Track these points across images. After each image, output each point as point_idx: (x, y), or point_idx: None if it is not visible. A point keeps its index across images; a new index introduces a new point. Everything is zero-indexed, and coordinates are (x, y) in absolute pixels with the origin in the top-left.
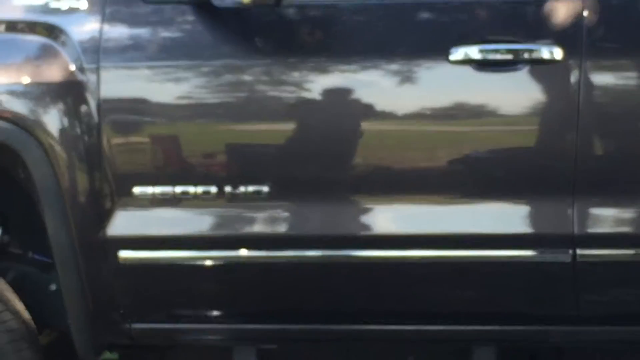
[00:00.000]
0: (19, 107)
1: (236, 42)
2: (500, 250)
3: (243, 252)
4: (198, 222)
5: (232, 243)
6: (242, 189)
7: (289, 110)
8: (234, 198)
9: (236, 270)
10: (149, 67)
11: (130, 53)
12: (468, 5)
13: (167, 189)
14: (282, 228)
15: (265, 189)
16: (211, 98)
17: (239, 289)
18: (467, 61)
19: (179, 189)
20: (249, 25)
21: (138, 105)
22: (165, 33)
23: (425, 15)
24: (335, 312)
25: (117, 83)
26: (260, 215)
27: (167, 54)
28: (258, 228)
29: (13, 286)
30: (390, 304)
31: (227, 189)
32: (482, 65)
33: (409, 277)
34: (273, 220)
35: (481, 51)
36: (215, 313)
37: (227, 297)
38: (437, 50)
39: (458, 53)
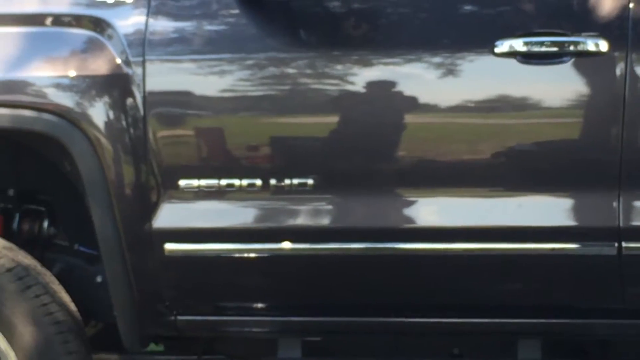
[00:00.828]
0: (66, 100)
1: (280, 34)
2: (545, 243)
3: (287, 244)
4: (243, 214)
5: (276, 235)
6: (287, 181)
7: (333, 103)
8: (279, 191)
9: (281, 263)
10: (194, 60)
11: (175, 46)
12: None
13: (213, 181)
14: (326, 221)
15: (310, 181)
16: (255, 91)
17: (283, 281)
18: (513, 53)
19: (224, 182)
20: (293, 17)
21: (183, 98)
22: (209, 26)
23: (470, 7)
24: (379, 305)
25: (162, 76)
26: (305, 207)
27: (212, 47)
28: (302, 220)
29: (59, 278)
30: (435, 297)
31: (272, 181)
32: (528, 57)
33: (454, 270)
34: (318, 213)
35: (526, 44)
36: (260, 305)
37: (272, 289)
38: (483, 42)
39: (503, 45)
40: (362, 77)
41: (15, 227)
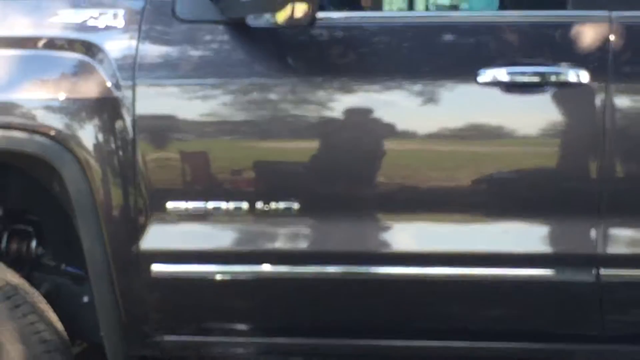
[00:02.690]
0: (56, 122)
1: (267, 61)
2: (523, 269)
3: (272, 267)
4: (229, 237)
5: (261, 258)
6: (273, 205)
7: (317, 129)
8: (265, 214)
9: (265, 285)
10: (183, 85)
11: (165, 71)
12: (496, 28)
13: (200, 204)
14: (310, 244)
15: (295, 205)
16: (241, 116)
17: (268, 303)
18: (495, 83)
19: (211, 205)
20: (280, 44)
21: (172, 122)
22: (199, 51)
23: (453, 36)
24: (361, 328)
25: (152, 100)
26: (290, 231)
27: (200, 72)
28: (287, 244)
29: (46, 297)
30: (416, 321)
31: (258, 205)
32: (510, 87)
33: (432, 295)
34: (302, 237)
35: (509, 73)
36: (245, 327)
37: (257, 311)
38: (466, 71)
39: (486, 74)
40: (343, 103)
41: (3, 247)
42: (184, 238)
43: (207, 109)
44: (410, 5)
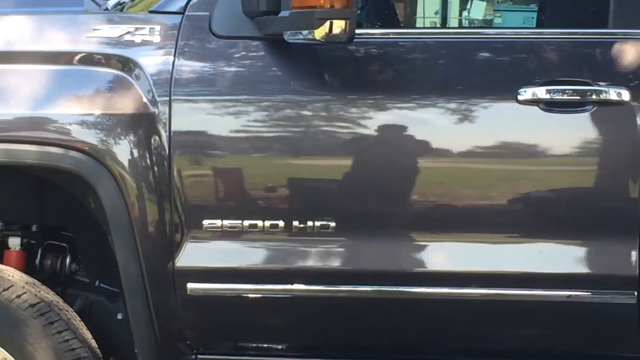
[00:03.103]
0: (92, 137)
1: (303, 77)
2: (559, 291)
3: (307, 286)
4: (265, 255)
5: (297, 277)
6: (309, 223)
7: (353, 146)
8: (301, 232)
9: (300, 304)
10: (219, 101)
11: (201, 86)
12: (536, 45)
13: (236, 222)
14: (345, 263)
15: (332, 223)
16: (276, 133)
17: (302, 322)
18: (536, 101)
19: (247, 222)
20: (317, 61)
21: (208, 138)
22: (235, 67)
23: (492, 54)
24: (395, 348)
25: (188, 116)
26: (326, 249)
27: (236, 88)
28: (322, 262)
29: (80, 314)
30: (447, 341)
31: (295, 223)
32: (550, 105)
33: (466, 315)
34: (337, 255)
35: (549, 92)
36: (279, 346)
37: (291, 330)
38: (506, 89)
39: (527, 93)
40: (377, 120)
41: (37, 263)
42: (220, 256)
43: (243, 125)
44: (444, 20)
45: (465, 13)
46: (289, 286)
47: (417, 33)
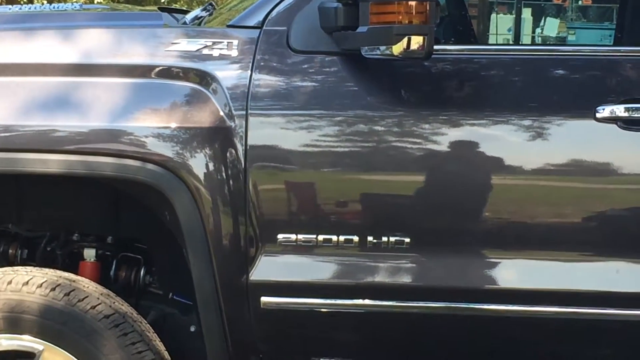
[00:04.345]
0: (169, 150)
1: (380, 92)
2: (637, 310)
3: (381, 301)
4: (338, 270)
5: (370, 292)
6: (384, 238)
7: (431, 163)
8: (375, 247)
9: (373, 320)
10: (296, 115)
11: (278, 101)
12: (614, 63)
13: (310, 236)
14: (420, 279)
15: (407, 239)
16: (352, 148)
17: (376, 338)
18: (613, 119)
19: (321, 237)
20: (394, 76)
21: (284, 153)
22: (312, 82)
23: (568, 71)
24: None
25: (264, 130)
26: (400, 265)
27: (313, 103)
28: (397, 278)
29: (153, 326)
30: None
31: (369, 238)
32: (629, 123)
33: (539, 333)
34: (412, 271)
35: (627, 109)
36: None
37: (364, 346)
38: (583, 107)
39: (605, 111)
40: (452, 136)
41: (112, 275)
42: (294, 270)
43: (318, 140)
44: (517, 37)
45: (538, 30)
46: (361, 301)
47: (494, 50)
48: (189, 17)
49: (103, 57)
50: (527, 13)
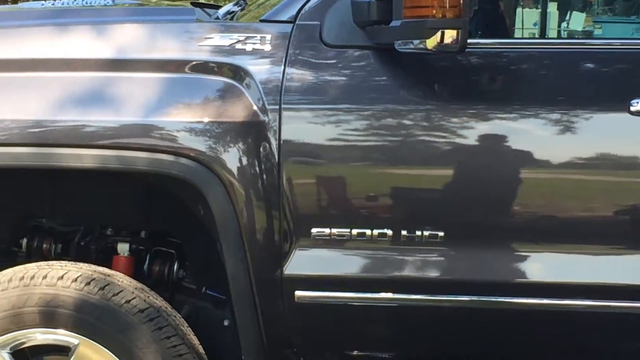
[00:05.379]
0: (202, 145)
1: (412, 86)
2: None
3: (414, 295)
4: (372, 264)
5: (404, 286)
6: (417, 232)
7: (467, 157)
8: (409, 241)
9: (407, 313)
10: (329, 109)
11: (311, 95)
12: None
13: (344, 230)
14: (452, 273)
15: (440, 233)
16: (386, 142)
17: (409, 332)
18: None
19: (355, 231)
20: (426, 70)
21: (317, 146)
22: (345, 76)
23: (601, 64)
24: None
25: (297, 124)
26: (433, 259)
27: (346, 97)
28: (431, 272)
29: (187, 320)
30: (554, 353)
31: (403, 232)
32: None
33: (571, 327)
34: (444, 265)
35: None
36: (386, 355)
37: (398, 339)
38: (617, 100)
39: (639, 104)
40: (484, 131)
41: (145, 269)
42: (328, 264)
43: (351, 134)
44: (542, 31)
45: (564, 24)
46: (395, 295)
47: (527, 43)
48: (221, 12)
49: (137, 52)
50: (552, 7)
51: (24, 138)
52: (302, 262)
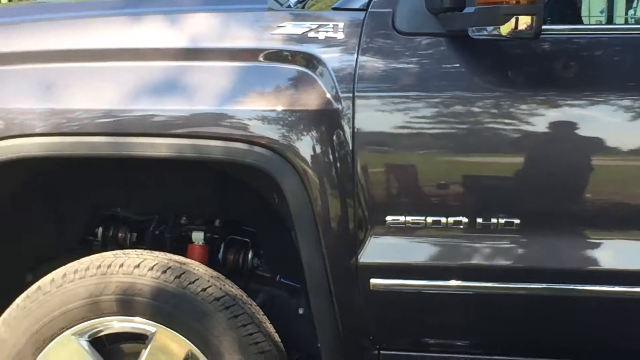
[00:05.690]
0: (276, 133)
1: (486, 73)
2: None
3: (491, 283)
4: (446, 251)
5: (478, 274)
6: (493, 220)
7: (533, 143)
8: (484, 229)
9: (483, 302)
10: (402, 97)
11: (384, 83)
12: None
13: (419, 218)
14: (528, 260)
15: (516, 220)
16: (460, 129)
17: (485, 320)
18: None
19: (430, 219)
20: (500, 57)
21: (391, 134)
22: (418, 64)
23: None
24: (574, 348)
25: (371, 112)
26: (511, 247)
27: (420, 84)
28: (505, 260)
29: (262, 308)
30: (631, 342)
31: (479, 220)
32: None
33: None
34: (520, 252)
35: None
36: (462, 343)
37: (473, 328)
38: None
39: None
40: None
41: (220, 257)
42: (402, 252)
43: (426, 122)
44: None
45: (631, 12)
46: (469, 283)
47: (601, 29)
48: (293, 0)
49: (210, 41)
50: None
51: (100, 127)
52: (377, 250)
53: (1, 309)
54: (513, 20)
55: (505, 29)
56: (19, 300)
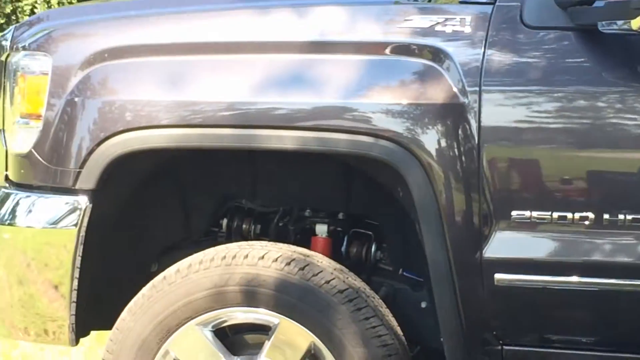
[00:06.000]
0: (401, 127)
1: (616, 67)
2: None
3: (617, 280)
4: (571, 247)
5: (604, 270)
6: (620, 216)
7: None
8: (611, 225)
9: (609, 298)
10: (529, 92)
11: (511, 77)
12: None
13: (545, 213)
14: None
15: None
16: (590, 124)
17: (610, 317)
18: None
19: (556, 214)
20: (629, 51)
21: (518, 129)
22: (546, 58)
23: None
24: None
25: (498, 106)
26: (636, 243)
27: (548, 78)
28: (632, 256)
29: (384, 302)
30: None
31: (605, 216)
32: None
33: None
34: None
35: None
36: (587, 339)
37: (598, 324)
38: None
39: None
40: None
41: (343, 250)
42: (527, 247)
43: (555, 116)
44: None
45: None
46: (593, 279)
47: None
48: None
49: (337, 34)
50: None
51: (226, 119)
52: (502, 244)
53: (127, 298)
54: None
55: (636, 23)
56: (144, 289)
